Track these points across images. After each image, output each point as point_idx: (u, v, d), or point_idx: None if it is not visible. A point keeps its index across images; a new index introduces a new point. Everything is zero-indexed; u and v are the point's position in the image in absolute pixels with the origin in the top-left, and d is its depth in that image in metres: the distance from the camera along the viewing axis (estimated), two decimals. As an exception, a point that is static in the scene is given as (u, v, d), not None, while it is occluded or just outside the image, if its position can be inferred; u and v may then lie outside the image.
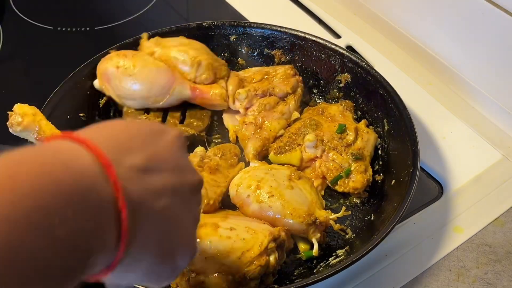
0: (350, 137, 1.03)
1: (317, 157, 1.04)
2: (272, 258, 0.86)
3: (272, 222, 0.92)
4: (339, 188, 1.01)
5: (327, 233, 0.96)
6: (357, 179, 1.00)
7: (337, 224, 0.94)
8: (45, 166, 0.42)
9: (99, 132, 0.50)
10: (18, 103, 0.98)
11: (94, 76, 1.12)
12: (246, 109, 1.13)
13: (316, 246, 0.91)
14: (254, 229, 0.87)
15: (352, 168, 1.00)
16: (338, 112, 1.09)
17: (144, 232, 0.48)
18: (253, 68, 1.19)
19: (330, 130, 1.05)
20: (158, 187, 0.50)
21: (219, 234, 0.86)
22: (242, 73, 1.18)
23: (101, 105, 1.14)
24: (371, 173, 1.02)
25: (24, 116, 0.96)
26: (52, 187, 0.41)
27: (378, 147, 1.08)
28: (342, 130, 1.04)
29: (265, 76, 1.15)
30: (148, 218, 0.49)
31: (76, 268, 0.42)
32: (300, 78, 1.16)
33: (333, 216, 0.93)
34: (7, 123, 0.96)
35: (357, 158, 1.01)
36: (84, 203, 0.42)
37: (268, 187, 0.94)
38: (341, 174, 1.01)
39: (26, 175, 0.40)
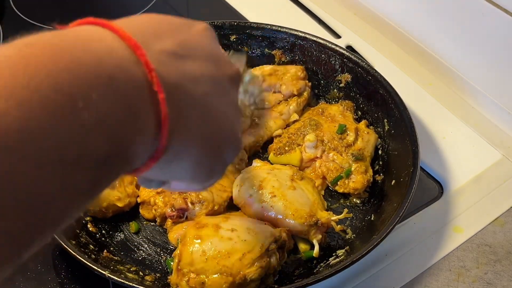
0: (351, 137, 1.03)
1: (317, 157, 1.03)
2: (273, 260, 0.86)
3: (273, 223, 0.92)
4: (339, 188, 1.01)
5: (327, 233, 0.96)
6: (358, 180, 1.00)
7: (339, 226, 0.94)
8: (64, 46, 0.37)
9: (125, 21, 0.45)
10: None
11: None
12: None
13: (317, 247, 0.91)
14: (255, 230, 0.87)
15: (353, 169, 1.00)
16: (339, 112, 1.09)
17: (186, 118, 0.43)
18: (266, 66, 1.18)
19: (330, 130, 1.05)
20: (195, 73, 0.45)
21: (220, 235, 0.86)
22: (253, 70, 1.17)
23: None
24: (372, 174, 1.02)
25: None
26: (73, 66, 0.35)
27: (378, 147, 1.08)
28: (342, 130, 1.04)
29: (276, 72, 1.14)
30: (189, 104, 0.44)
31: (114, 159, 0.38)
32: (309, 83, 1.15)
33: (335, 217, 0.93)
34: None
35: (358, 158, 1.01)
36: (111, 85, 0.37)
37: (270, 187, 0.94)
38: (341, 174, 1.00)
39: (42, 55, 0.35)
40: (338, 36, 1.36)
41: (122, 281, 0.82)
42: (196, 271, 0.83)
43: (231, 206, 1.00)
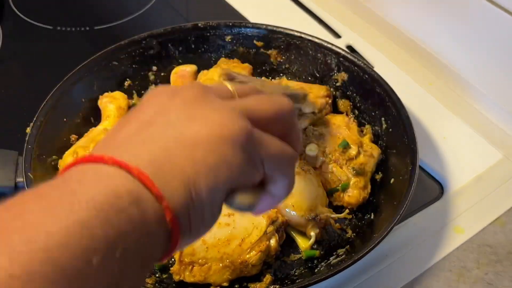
0: (353, 151, 1.01)
1: (315, 168, 1.02)
2: (273, 241, 0.86)
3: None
4: (333, 201, 0.99)
5: (326, 232, 0.95)
6: (354, 195, 0.97)
7: (337, 224, 0.94)
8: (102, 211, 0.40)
9: (132, 147, 0.48)
10: None
11: (90, 78, 1.12)
12: None
13: (312, 239, 0.91)
14: (251, 214, 0.87)
15: (351, 183, 0.98)
16: (343, 123, 1.07)
17: (197, 223, 0.49)
18: (294, 82, 1.16)
19: (333, 142, 1.03)
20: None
21: (218, 222, 0.85)
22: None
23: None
24: (369, 191, 1.00)
25: None
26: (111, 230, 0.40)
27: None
28: (344, 146, 1.01)
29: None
30: (199, 213, 0.50)
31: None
32: (330, 101, 1.12)
33: (334, 215, 0.92)
34: None
35: (358, 173, 0.99)
36: (141, 231, 0.42)
37: None
38: (337, 187, 0.99)
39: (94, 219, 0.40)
40: (338, 36, 1.36)
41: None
42: (198, 260, 0.83)
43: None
